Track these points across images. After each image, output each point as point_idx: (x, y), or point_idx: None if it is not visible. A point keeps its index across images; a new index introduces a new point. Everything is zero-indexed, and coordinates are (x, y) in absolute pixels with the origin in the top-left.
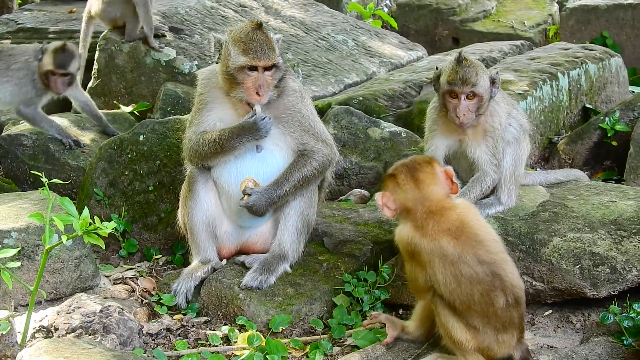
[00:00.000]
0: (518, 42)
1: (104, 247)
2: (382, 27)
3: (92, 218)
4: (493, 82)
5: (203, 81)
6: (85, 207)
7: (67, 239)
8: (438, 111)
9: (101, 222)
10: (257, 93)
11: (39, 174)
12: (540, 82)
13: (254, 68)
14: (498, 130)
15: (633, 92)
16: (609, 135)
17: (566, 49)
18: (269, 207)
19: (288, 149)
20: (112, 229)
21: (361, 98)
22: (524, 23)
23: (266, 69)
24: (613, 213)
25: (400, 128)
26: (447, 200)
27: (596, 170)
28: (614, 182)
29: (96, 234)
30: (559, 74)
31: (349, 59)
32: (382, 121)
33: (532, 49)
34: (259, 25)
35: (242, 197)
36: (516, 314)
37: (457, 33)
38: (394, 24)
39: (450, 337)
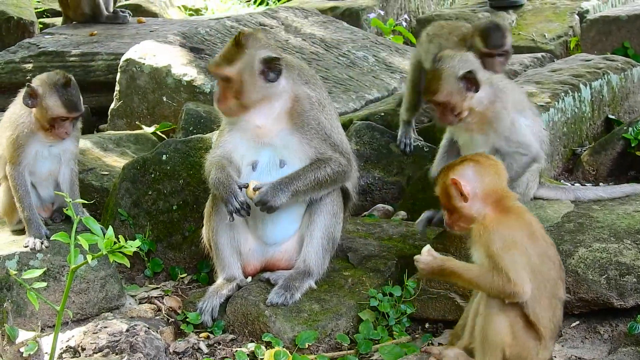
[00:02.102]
0: (539, 55)
1: (128, 266)
2: (403, 42)
3: (116, 237)
4: (466, 78)
5: None
6: (110, 226)
7: (92, 259)
8: None
9: (126, 241)
10: (215, 99)
11: (63, 194)
12: (562, 94)
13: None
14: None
15: None
16: (632, 145)
17: (587, 60)
18: (280, 199)
19: (307, 158)
20: (137, 248)
21: (383, 113)
22: (545, 35)
23: (222, 78)
24: (639, 223)
25: (422, 142)
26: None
27: (620, 180)
28: None
29: (121, 252)
30: (581, 85)
31: (370, 75)
32: None
33: (553, 61)
34: (237, 37)
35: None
36: (560, 318)
37: None
38: (414, 40)
39: (485, 339)
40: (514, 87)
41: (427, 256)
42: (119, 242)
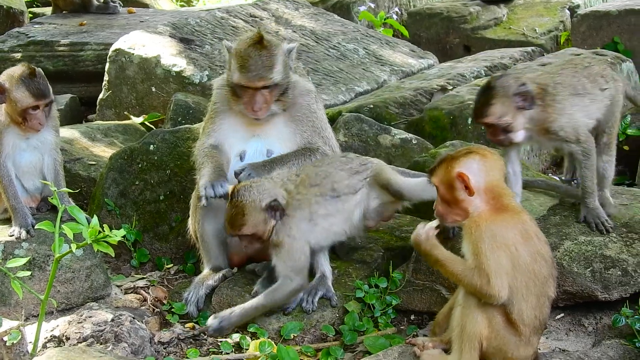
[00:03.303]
0: (529, 49)
1: (113, 255)
2: (393, 35)
3: (102, 227)
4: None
5: (217, 90)
6: (95, 215)
7: (76, 248)
8: None
9: (110, 231)
10: (253, 109)
11: (48, 182)
12: None
13: (250, 87)
14: None
15: None
16: (620, 139)
17: (577, 55)
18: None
19: (296, 147)
20: (123, 238)
21: (372, 106)
22: (536, 30)
23: (263, 87)
24: (624, 216)
25: (411, 135)
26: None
27: None
28: (625, 186)
29: (105, 242)
30: None
31: (360, 67)
32: (392, 128)
33: (543, 55)
34: (259, 39)
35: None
36: (547, 315)
37: (468, 41)
38: (405, 33)
39: (463, 330)
40: None
41: (423, 231)
42: (104, 231)
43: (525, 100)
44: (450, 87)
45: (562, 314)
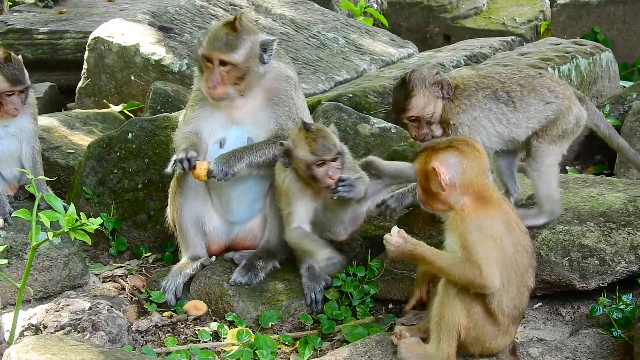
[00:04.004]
0: (509, 38)
1: (90, 243)
2: (373, 24)
3: (79, 215)
4: None
5: (198, 73)
6: (72, 204)
7: (53, 236)
8: None
9: (88, 219)
10: (208, 85)
11: (26, 170)
12: None
13: (209, 59)
14: None
15: (624, 86)
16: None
17: (557, 44)
18: (234, 167)
19: (272, 135)
20: (101, 226)
21: (351, 95)
22: (515, 19)
23: (222, 63)
24: (602, 205)
25: (389, 124)
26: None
27: (587, 164)
28: (604, 176)
29: (83, 230)
30: (549, 69)
31: (340, 56)
32: (371, 117)
33: (523, 45)
34: (232, 20)
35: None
36: (526, 305)
37: (448, 30)
38: (385, 22)
39: (441, 319)
40: None
41: (397, 238)
42: (81, 219)
43: (443, 88)
44: None
45: (539, 303)
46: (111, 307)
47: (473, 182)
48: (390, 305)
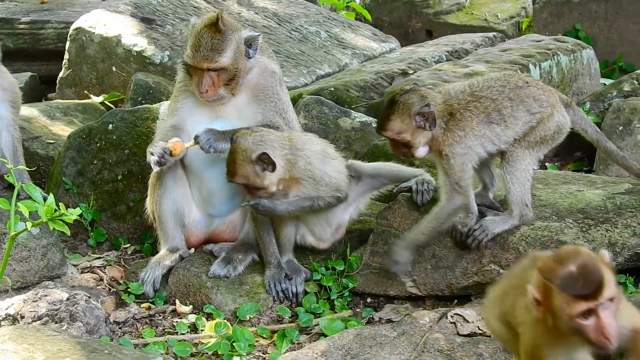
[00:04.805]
0: (490, 34)
1: (69, 234)
2: (355, 19)
3: (58, 206)
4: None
5: (182, 71)
6: (52, 194)
7: (32, 226)
8: None
9: (67, 209)
10: (200, 90)
11: (4, 160)
12: None
13: (198, 68)
14: None
15: (604, 84)
16: (574, 129)
17: (538, 41)
18: (222, 145)
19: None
20: (80, 217)
21: (332, 89)
22: (497, 16)
23: (211, 69)
24: (581, 202)
25: (371, 118)
26: None
27: (567, 161)
28: (583, 173)
29: (61, 220)
30: (531, 66)
31: (322, 50)
32: (352, 111)
33: (504, 41)
34: (216, 21)
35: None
36: None
37: (430, 25)
38: (368, 16)
39: None
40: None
41: None
42: (60, 209)
43: (427, 120)
44: (411, 72)
45: None
46: (89, 298)
47: None
48: (369, 299)
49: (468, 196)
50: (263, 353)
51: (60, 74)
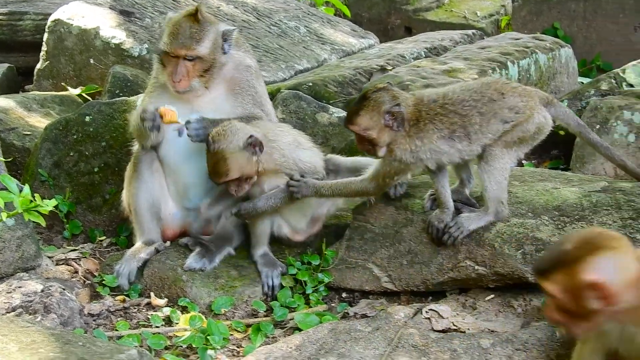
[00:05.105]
0: (469, 32)
1: (44, 225)
2: (334, 14)
3: (34, 197)
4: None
5: (158, 64)
6: (27, 185)
7: (7, 216)
8: None
9: (42, 201)
10: (173, 80)
11: None
12: (490, 71)
13: (174, 55)
14: None
15: (582, 83)
16: (556, 124)
17: (517, 39)
18: (199, 135)
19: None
20: (56, 209)
21: (311, 84)
22: (477, 13)
23: (187, 57)
24: (557, 199)
25: None
26: None
27: (543, 159)
28: (560, 171)
29: (37, 211)
30: (509, 63)
31: (301, 45)
32: (330, 106)
33: (483, 39)
34: (194, 12)
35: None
36: None
37: (409, 22)
38: (347, 12)
39: None
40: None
41: None
42: (35, 200)
43: (395, 120)
44: (390, 68)
45: (492, 295)
46: (64, 289)
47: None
48: (344, 294)
49: (382, 191)
50: (237, 347)
51: (38, 66)
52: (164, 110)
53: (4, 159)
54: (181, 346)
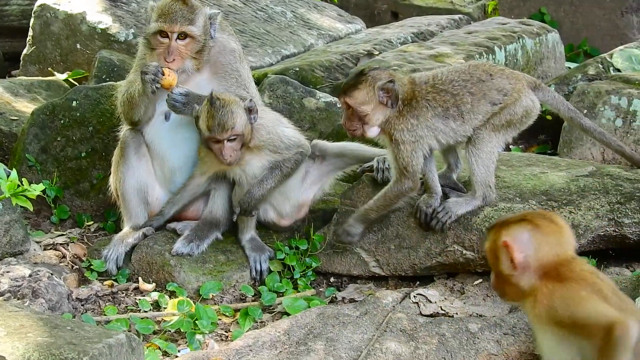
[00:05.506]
0: (456, 17)
1: (32, 209)
2: (321, 0)
3: (21, 181)
4: (250, 110)
5: (143, 46)
6: (14, 169)
7: None
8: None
9: (30, 185)
10: (166, 59)
11: None
12: (477, 56)
13: (165, 34)
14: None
15: (569, 68)
16: (543, 109)
17: (504, 24)
18: (182, 111)
19: None
20: (44, 193)
21: (298, 69)
22: None
23: (179, 37)
24: (544, 184)
25: (335, 98)
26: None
27: (530, 144)
28: (547, 155)
29: (24, 196)
30: (496, 48)
31: (287, 30)
32: (317, 91)
33: (470, 24)
34: None
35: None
36: None
37: (396, 7)
38: None
39: None
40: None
41: None
42: (23, 185)
43: (389, 97)
44: (377, 53)
45: (480, 280)
46: (51, 274)
47: (550, 260)
48: (332, 279)
49: (416, 180)
50: (226, 331)
51: (24, 51)
52: (167, 70)
53: None
54: (169, 331)
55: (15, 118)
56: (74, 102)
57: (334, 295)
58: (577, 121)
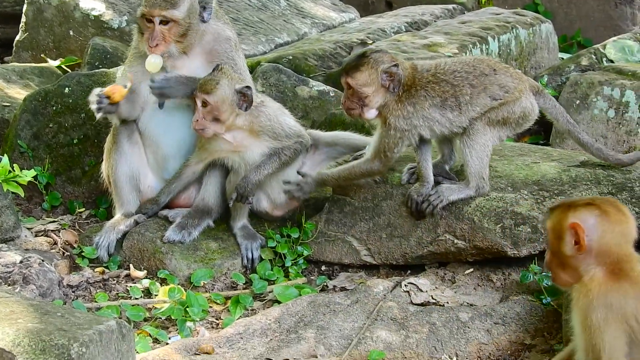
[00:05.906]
0: (450, 6)
1: (23, 195)
2: None
3: (13, 167)
4: (242, 95)
5: (137, 33)
6: (6, 156)
7: None
8: None
9: (21, 171)
10: (149, 44)
11: None
12: (470, 46)
13: (150, 19)
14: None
15: (562, 58)
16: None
17: (497, 14)
18: (180, 91)
19: None
20: (35, 180)
21: (291, 57)
22: None
23: (163, 22)
24: (536, 174)
25: (329, 87)
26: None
27: (523, 134)
28: (540, 146)
29: (15, 182)
30: (489, 38)
31: (281, 19)
32: (310, 80)
33: (464, 13)
34: None
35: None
36: None
37: None
38: None
39: None
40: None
41: None
42: (14, 171)
43: (392, 80)
44: (370, 42)
45: (471, 269)
46: (42, 261)
47: (612, 250)
48: (323, 267)
49: (387, 166)
50: (217, 319)
51: (17, 37)
52: (110, 89)
53: None
54: (160, 318)
55: (8, 104)
56: (67, 89)
57: (325, 284)
58: (575, 135)
